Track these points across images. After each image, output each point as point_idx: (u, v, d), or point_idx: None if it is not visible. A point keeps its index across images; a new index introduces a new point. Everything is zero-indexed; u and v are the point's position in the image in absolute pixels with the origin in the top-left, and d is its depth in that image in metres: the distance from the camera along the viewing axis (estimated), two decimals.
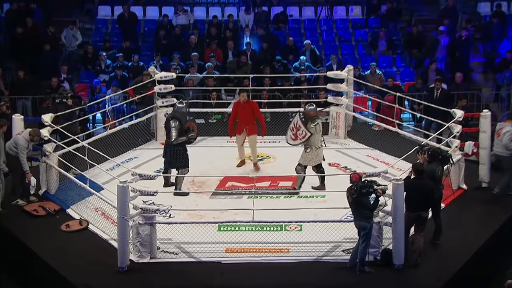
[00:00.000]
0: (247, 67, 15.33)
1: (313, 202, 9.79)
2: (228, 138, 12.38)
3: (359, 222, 8.06)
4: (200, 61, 15.44)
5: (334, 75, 12.67)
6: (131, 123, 12.56)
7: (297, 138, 10.25)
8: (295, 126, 10.30)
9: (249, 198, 9.68)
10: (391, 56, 16.51)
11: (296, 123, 10.27)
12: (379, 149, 11.96)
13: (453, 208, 9.65)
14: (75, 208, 9.71)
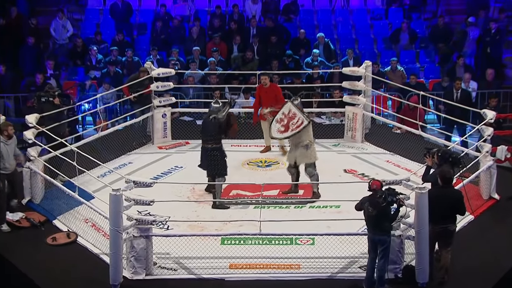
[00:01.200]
0: (254, 63, 15.37)
1: (327, 213, 9.80)
2: (233, 141, 12.43)
3: (379, 237, 8.02)
4: (201, 56, 15.49)
5: (351, 72, 12.69)
6: (125, 125, 12.61)
7: (289, 129, 10.15)
8: (286, 116, 10.20)
9: (255, 208, 9.69)
10: (414, 51, 16.51)
11: (289, 111, 10.20)
12: (401, 154, 11.97)
13: (484, 221, 9.64)
14: (62, 219, 9.75)
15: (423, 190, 8.08)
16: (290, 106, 10.24)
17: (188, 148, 12.59)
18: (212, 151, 10.08)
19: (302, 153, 10.17)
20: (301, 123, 10.08)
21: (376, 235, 8.02)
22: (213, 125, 10.08)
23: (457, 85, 13.07)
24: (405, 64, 15.91)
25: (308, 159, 10.21)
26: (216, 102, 10.32)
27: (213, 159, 10.09)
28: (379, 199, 7.89)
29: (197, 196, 10.37)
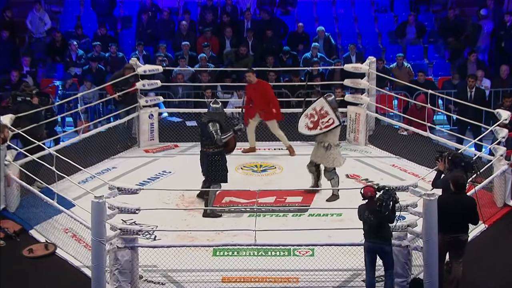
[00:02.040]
0: (248, 59, 15.40)
1: (327, 221, 9.82)
2: None
3: (380, 245, 8.05)
4: (191, 51, 15.52)
5: (353, 69, 12.72)
6: (108, 126, 12.61)
7: (317, 127, 10.26)
8: (317, 112, 10.33)
9: (250, 216, 9.71)
10: (422, 46, 16.57)
11: (321, 108, 10.30)
12: (407, 157, 12.00)
13: (498, 230, 9.66)
14: (40, 229, 9.73)
15: (432, 197, 8.09)
16: (323, 103, 10.35)
17: (177, 152, 12.60)
18: (213, 155, 10.10)
19: (322, 154, 10.35)
20: (332, 123, 10.23)
21: (376, 244, 8.04)
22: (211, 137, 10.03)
23: (471, 83, 13.04)
24: (412, 60, 15.96)
25: (326, 162, 10.34)
26: (215, 103, 10.27)
27: (214, 164, 10.10)
28: (379, 208, 7.92)
29: (187, 204, 10.37)
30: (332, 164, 10.33)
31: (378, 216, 7.95)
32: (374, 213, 7.98)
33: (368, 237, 8.10)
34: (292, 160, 11.97)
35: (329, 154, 10.28)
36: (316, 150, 10.47)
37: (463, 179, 8.33)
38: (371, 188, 8.10)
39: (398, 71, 14.83)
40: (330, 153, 10.28)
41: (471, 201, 8.32)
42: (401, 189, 8.60)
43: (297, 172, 11.22)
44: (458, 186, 8.23)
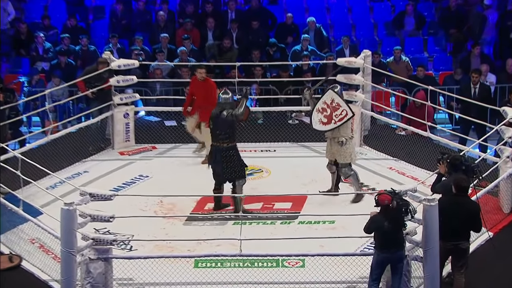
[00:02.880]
0: (233, 53, 15.41)
1: (319, 229, 9.84)
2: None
3: (399, 253, 8.07)
4: (170, 45, 15.51)
5: (347, 63, 12.75)
6: (79, 126, 12.58)
7: (331, 121, 10.37)
8: (329, 105, 10.42)
9: (235, 224, 9.72)
10: (421, 38, 16.64)
11: (332, 100, 10.40)
12: (406, 160, 12.06)
13: (504, 238, 9.69)
14: (3, 239, 9.68)
15: (432, 202, 8.12)
16: (333, 95, 10.47)
17: (155, 154, 12.59)
18: (227, 151, 10.15)
19: (337, 150, 10.50)
20: (345, 115, 10.35)
21: (394, 253, 8.07)
22: (228, 121, 10.12)
23: (475, 78, 13.05)
24: (410, 53, 16.03)
25: (343, 158, 10.48)
26: (225, 93, 10.32)
27: (230, 160, 10.16)
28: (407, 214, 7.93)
29: (166, 211, 10.37)
30: (348, 159, 10.51)
31: (397, 224, 7.98)
32: (394, 222, 7.98)
33: (385, 247, 8.04)
34: (281, 163, 12.00)
35: (345, 149, 10.47)
36: (329, 147, 10.61)
37: (466, 182, 8.37)
38: (389, 196, 8.04)
39: (395, 66, 14.89)
40: (346, 148, 10.46)
41: (474, 206, 8.35)
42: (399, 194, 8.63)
43: (287, 175, 11.24)
44: (461, 189, 8.26)
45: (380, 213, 8.03)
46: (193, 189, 10.64)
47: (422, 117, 11.86)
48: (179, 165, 12.03)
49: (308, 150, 12.80)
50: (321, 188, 10.77)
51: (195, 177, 11.40)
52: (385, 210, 7.99)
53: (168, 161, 12.17)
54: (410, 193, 8.58)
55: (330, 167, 10.74)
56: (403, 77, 13.69)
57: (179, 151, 12.74)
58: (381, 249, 8.07)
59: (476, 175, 8.75)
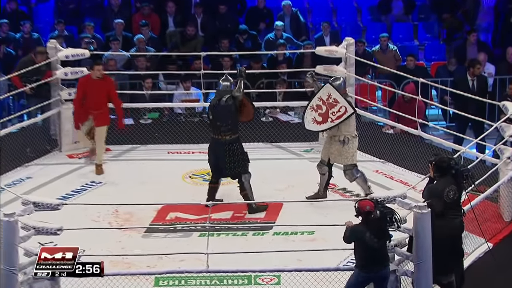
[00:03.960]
0: (197, 42, 15.39)
1: (297, 241, 9.85)
2: (170, 147, 12.43)
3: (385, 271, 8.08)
4: (126, 32, 15.45)
5: (327, 53, 12.79)
6: (21, 126, 12.49)
7: (328, 119, 10.37)
8: (325, 102, 10.42)
9: (201, 236, 9.72)
10: (410, 24, 16.73)
11: (328, 96, 10.42)
12: (394, 162, 12.14)
13: (505, 250, 9.75)
14: None
15: (424, 210, 8.18)
16: (330, 90, 10.48)
17: (110, 157, 12.54)
18: (230, 144, 10.26)
19: (338, 150, 10.50)
20: (344, 112, 10.34)
21: (380, 271, 8.06)
22: (228, 109, 10.16)
23: (476, 70, 13.12)
24: (399, 41, 16.11)
25: (344, 159, 10.52)
26: (226, 79, 10.42)
27: (234, 154, 10.29)
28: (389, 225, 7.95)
29: (122, 222, 10.34)
30: (351, 160, 10.56)
31: (381, 236, 8.00)
32: (379, 234, 7.97)
33: (368, 266, 8.01)
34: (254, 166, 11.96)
35: (347, 149, 10.49)
36: (328, 146, 10.63)
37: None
38: (371, 202, 8.05)
39: (382, 55, 14.95)
40: (348, 148, 10.48)
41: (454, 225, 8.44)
42: (386, 201, 8.67)
43: (259, 180, 11.24)
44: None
45: (361, 223, 8.02)
46: (153, 197, 10.65)
47: (412, 113, 11.91)
48: (137, 169, 12.00)
49: (283, 151, 12.84)
50: (300, 194, 10.78)
51: (156, 183, 11.39)
52: (366, 219, 7.96)
53: (124, 165, 12.12)
54: (399, 200, 8.63)
55: (321, 167, 10.75)
56: (390, 68, 13.72)
57: (137, 154, 12.72)
58: (362, 267, 8.03)
59: (467, 181, 8.74)
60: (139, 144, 12.94)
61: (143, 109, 13.44)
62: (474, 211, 8.91)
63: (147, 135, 13.05)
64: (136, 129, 13.07)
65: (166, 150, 12.64)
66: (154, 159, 12.36)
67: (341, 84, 10.70)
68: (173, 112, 13.59)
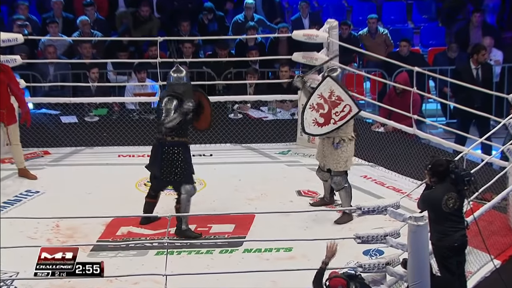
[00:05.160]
0: (153, 24, 15.37)
1: (272, 259, 9.87)
2: (121, 150, 12.44)
3: None
4: (66, 13, 15.40)
5: (306, 37, 12.82)
6: None
7: (330, 120, 10.34)
8: (326, 100, 10.36)
9: (158, 254, 9.75)
10: (403, 3, 16.83)
11: (332, 92, 10.38)
12: (385, 165, 12.22)
13: None
14: None
15: (421, 222, 8.24)
16: (332, 85, 10.40)
17: (48, 161, 12.51)
18: (172, 147, 10.15)
19: (331, 153, 10.48)
20: (348, 111, 10.31)
21: None
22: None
23: (482, 56, 13.22)
24: (390, 24, 16.20)
25: (335, 164, 10.48)
26: (178, 71, 10.30)
27: (173, 158, 10.17)
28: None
29: (64, 238, 10.31)
30: (343, 166, 10.50)
31: None
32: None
33: None
34: (220, 171, 12.03)
35: (340, 152, 10.43)
36: (321, 147, 10.61)
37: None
38: (342, 279, 8.08)
39: (370, 40, 15.03)
40: (342, 152, 10.44)
41: None
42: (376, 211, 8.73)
43: (227, 188, 11.27)
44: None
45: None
46: (101, 208, 10.63)
47: (406, 108, 11.94)
48: (82, 176, 11.97)
49: (255, 153, 12.86)
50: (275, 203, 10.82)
51: (104, 191, 11.38)
52: None
53: (66, 171, 12.09)
54: (391, 210, 8.69)
55: (321, 174, 10.75)
56: (380, 55, 13.78)
57: (81, 157, 12.69)
58: None
59: (468, 187, 8.77)
60: (84, 146, 12.91)
61: (89, 104, 13.41)
62: (477, 223, 8.98)
63: (93, 135, 13.01)
64: (80, 128, 13.04)
65: (116, 153, 12.61)
66: (102, 164, 12.33)
67: (339, 75, 10.66)
68: (124, 108, 13.58)
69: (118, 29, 15.44)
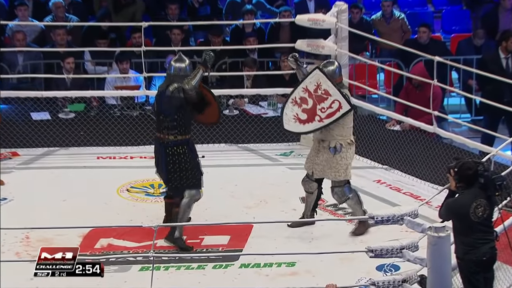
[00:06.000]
0: (136, 7, 15.40)
1: (272, 275, 9.89)
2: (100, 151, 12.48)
3: None
4: None
5: (311, 22, 12.84)
6: None
7: (315, 118, 10.29)
8: (311, 94, 10.32)
9: (143, 270, 9.79)
10: None
11: (318, 85, 10.33)
12: (402, 168, 12.26)
13: None
14: None
15: (442, 233, 8.27)
16: (319, 78, 10.33)
17: (17, 164, 12.55)
18: (175, 147, 10.21)
19: (326, 160, 10.42)
20: (338, 108, 10.23)
21: None
22: (176, 101, 10.13)
23: (508, 45, 13.27)
24: (407, 7, 16.23)
25: (335, 173, 10.44)
26: (179, 60, 10.30)
27: (179, 160, 10.23)
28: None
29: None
30: (343, 175, 10.45)
31: None
32: None
33: None
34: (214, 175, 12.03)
35: (338, 159, 10.39)
36: (314, 153, 10.56)
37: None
38: None
39: (385, 26, 15.06)
40: (341, 158, 10.40)
41: None
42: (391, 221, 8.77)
43: (222, 194, 11.31)
44: None
45: None
46: (78, 218, 10.67)
47: (426, 103, 12.00)
48: (56, 180, 12.01)
49: (253, 155, 12.91)
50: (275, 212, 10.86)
51: (81, 198, 11.41)
52: None
53: (37, 175, 12.12)
54: (409, 219, 8.72)
55: (307, 184, 10.68)
56: (396, 42, 13.81)
57: (55, 160, 12.73)
58: None
59: (501, 192, 8.80)
60: (58, 147, 12.95)
61: (63, 99, 13.44)
62: (507, 233, 9.02)
63: (69, 134, 13.03)
64: (54, 126, 13.05)
65: (95, 155, 12.65)
66: (79, 167, 12.38)
67: (336, 70, 10.51)
68: (104, 103, 13.60)
69: (97, 13, 15.49)
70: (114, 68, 13.98)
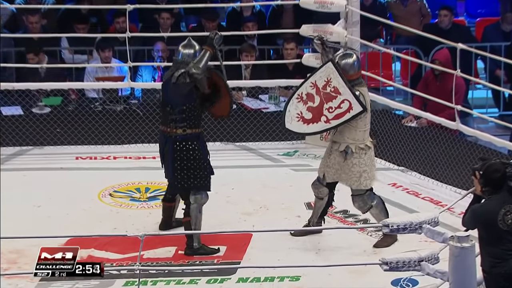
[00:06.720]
0: None
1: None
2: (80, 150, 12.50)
3: None
4: None
5: (317, 5, 12.85)
6: None
7: (321, 118, 10.31)
8: (319, 91, 10.32)
9: (128, 285, 9.84)
10: None
11: (327, 81, 10.30)
12: (420, 170, 12.31)
13: None
14: None
15: (466, 243, 8.30)
16: (330, 72, 10.29)
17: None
18: (183, 142, 10.24)
19: (339, 164, 10.41)
20: (348, 109, 10.20)
21: None
22: (183, 90, 10.16)
23: None
24: None
25: (348, 179, 10.42)
26: (188, 45, 10.36)
27: (186, 157, 10.26)
28: None
29: (7, 265, 10.37)
30: (356, 183, 10.40)
31: None
32: None
33: None
34: None
35: (350, 166, 10.36)
36: (327, 156, 10.54)
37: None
38: None
39: (401, 9, 15.09)
40: (353, 164, 10.36)
41: None
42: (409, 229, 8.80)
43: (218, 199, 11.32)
44: None
45: None
46: (54, 226, 10.71)
47: (448, 97, 12.04)
48: (29, 184, 12.05)
49: (253, 155, 12.94)
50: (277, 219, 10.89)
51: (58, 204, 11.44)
52: None
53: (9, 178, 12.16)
54: (428, 228, 8.75)
55: (318, 188, 10.66)
56: (414, 27, 13.82)
57: (28, 160, 12.77)
58: None
59: None
60: (31, 146, 12.99)
61: (37, 91, 13.46)
62: None
63: (44, 131, 13.06)
64: (27, 122, 13.08)
65: (73, 155, 12.67)
66: (55, 169, 12.41)
67: (354, 63, 10.41)
68: (83, 97, 13.63)
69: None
70: (94, 57, 14.02)
